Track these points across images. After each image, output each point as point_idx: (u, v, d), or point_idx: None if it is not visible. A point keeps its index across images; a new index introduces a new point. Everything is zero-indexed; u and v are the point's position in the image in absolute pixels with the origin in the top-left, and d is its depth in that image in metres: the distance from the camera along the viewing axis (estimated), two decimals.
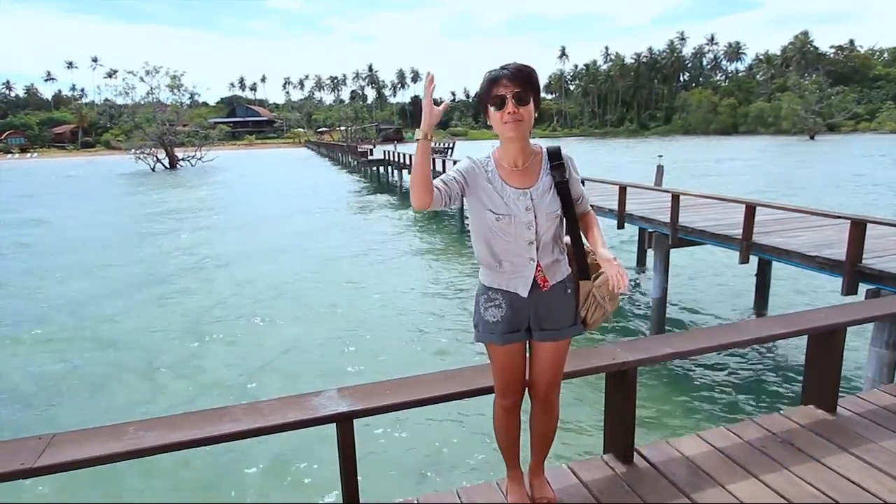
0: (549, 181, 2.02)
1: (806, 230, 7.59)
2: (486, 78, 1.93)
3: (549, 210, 2.00)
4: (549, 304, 2.05)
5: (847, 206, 16.23)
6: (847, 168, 32.36)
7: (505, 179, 1.99)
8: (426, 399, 2.21)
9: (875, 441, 2.68)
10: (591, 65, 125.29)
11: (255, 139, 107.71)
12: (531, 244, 1.99)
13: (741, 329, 2.78)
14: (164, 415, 2.14)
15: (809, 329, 2.81)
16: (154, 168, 53.01)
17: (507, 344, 2.08)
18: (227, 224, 20.65)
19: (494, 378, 2.20)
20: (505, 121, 1.89)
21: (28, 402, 6.92)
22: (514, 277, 2.02)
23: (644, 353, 2.53)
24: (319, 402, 2.17)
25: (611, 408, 2.62)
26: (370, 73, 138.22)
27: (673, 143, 70.11)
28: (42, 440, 1.94)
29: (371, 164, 33.12)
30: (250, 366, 7.71)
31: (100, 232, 19.58)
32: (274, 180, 37.85)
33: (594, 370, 2.44)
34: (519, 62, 1.92)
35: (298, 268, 13.33)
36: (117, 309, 10.42)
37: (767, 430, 2.80)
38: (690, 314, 9.57)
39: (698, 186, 19.31)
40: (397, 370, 6.81)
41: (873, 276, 5.70)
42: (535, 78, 1.92)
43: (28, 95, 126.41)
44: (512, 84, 1.87)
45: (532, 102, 1.91)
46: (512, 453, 2.31)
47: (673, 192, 8.27)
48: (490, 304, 2.07)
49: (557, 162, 2.04)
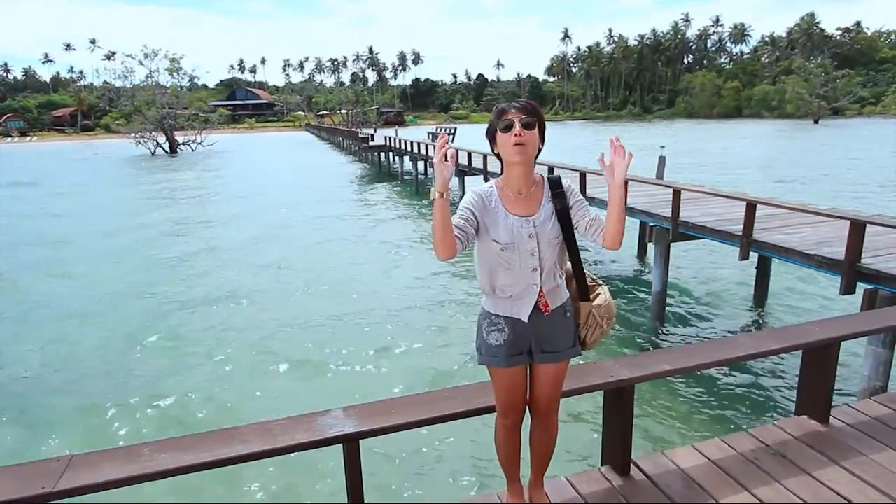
0: (550, 209, 2.09)
1: (806, 226, 7.62)
2: (496, 108, 2.06)
3: (551, 237, 2.07)
4: (550, 327, 2.13)
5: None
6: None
7: (508, 208, 2.07)
8: (429, 419, 2.28)
9: (865, 454, 2.75)
10: (594, 47, 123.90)
11: (255, 122, 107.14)
12: (535, 270, 2.06)
13: (737, 345, 2.84)
14: (177, 436, 2.22)
15: (804, 344, 2.87)
16: (154, 152, 52.81)
17: (509, 367, 2.16)
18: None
19: (496, 398, 2.28)
20: (512, 143, 1.99)
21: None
22: (516, 303, 2.10)
23: (641, 370, 2.59)
24: (326, 421, 2.24)
25: (609, 422, 2.69)
26: (371, 55, 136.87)
27: (676, 128, 69.62)
28: (60, 462, 2.01)
29: (372, 150, 32.94)
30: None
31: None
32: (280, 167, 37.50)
33: (593, 388, 2.50)
34: (520, 99, 2.09)
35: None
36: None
37: (761, 441, 2.88)
38: (691, 306, 9.64)
39: (703, 179, 19.25)
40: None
41: (871, 276, 5.75)
42: (540, 112, 2.04)
43: (26, 78, 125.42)
44: (519, 112, 2.00)
45: (537, 130, 2.01)
46: (512, 468, 2.40)
47: (674, 186, 8.29)
48: (493, 328, 2.15)
49: (558, 191, 2.10)
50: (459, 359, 7.47)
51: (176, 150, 54.46)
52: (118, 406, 6.56)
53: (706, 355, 2.73)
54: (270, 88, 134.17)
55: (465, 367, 7.18)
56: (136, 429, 6.14)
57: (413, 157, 24.99)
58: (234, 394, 6.88)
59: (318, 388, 6.96)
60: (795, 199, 10.13)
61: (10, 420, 6.41)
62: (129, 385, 7.11)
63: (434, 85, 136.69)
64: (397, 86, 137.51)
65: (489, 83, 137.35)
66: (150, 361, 7.86)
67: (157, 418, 6.37)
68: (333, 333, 8.63)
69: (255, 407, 6.45)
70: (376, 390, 6.41)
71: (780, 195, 13.04)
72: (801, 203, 7.96)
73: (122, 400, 6.70)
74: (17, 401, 6.86)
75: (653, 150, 16.41)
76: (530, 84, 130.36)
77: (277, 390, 6.96)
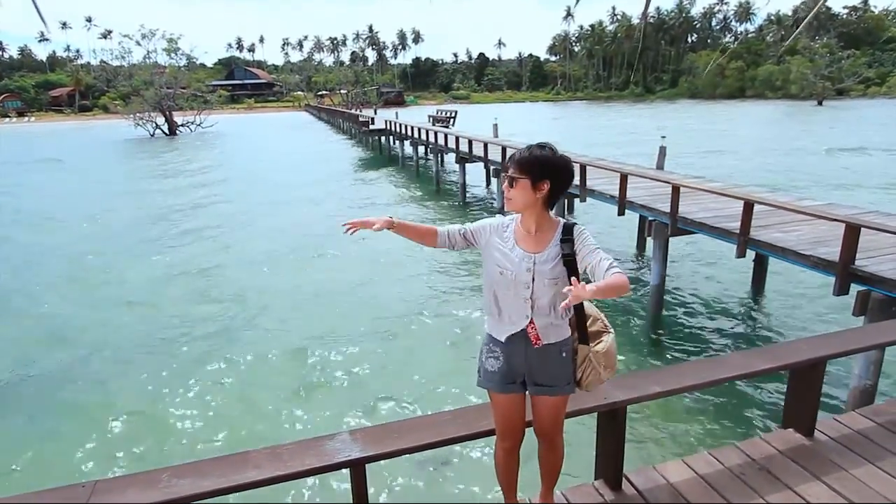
0: (556, 251, 2.17)
1: (803, 223, 7.69)
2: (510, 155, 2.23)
3: (549, 277, 2.16)
4: (542, 361, 2.25)
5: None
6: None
7: (518, 241, 2.21)
8: (432, 444, 2.41)
9: (846, 469, 2.89)
10: (596, 25, 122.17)
11: (254, 102, 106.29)
12: (526, 301, 2.18)
13: (726, 365, 2.96)
14: (195, 460, 2.35)
15: (792, 364, 2.99)
16: (153, 134, 52.56)
17: (505, 393, 2.29)
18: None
19: (495, 421, 2.41)
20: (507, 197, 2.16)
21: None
22: (510, 327, 2.23)
23: (634, 391, 2.72)
24: (334, 446, 2.37)
25: (602, 440, 2.82)
26: (370, 33, 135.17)
27: (678, 110, 69.01)
28: (86, 488, 2.14)
29: (372, 134, 32.77)
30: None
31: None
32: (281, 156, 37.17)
33: (588, 410, 2.63)
34: (536, 147, 2.12)
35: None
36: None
37: (748, 455, 3.02)
38: (689, 299, 9.77)
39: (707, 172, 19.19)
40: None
41: (865, 279, 5.85)
42: (535, 165, 2.08)
43: (22, 56, 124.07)
44: (511, 166, 2.12)
45: (529, 186, 2.09)
46: (510, 489, 2.54)
47: (673, 182, 8.35)
48: (490, 355, 2.31)
49: (567, 237, 2.18)
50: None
51: (175, 131, 54.17)
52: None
53: (696, 376, 2.86)
54: (269, 68, 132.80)
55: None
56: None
57: (414, 143, 24.86)
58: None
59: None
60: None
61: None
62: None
63: (435, 64, 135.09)
64: (397, 65, 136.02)
65: (490, 62, 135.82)
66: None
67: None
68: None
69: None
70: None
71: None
72: (798, 202, 8.03)
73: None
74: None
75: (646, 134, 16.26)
76: (532, 63, 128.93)
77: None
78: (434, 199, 19.28)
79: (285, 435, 5.82)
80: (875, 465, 2.93)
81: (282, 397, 6.77)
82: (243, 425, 6.24)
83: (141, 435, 6.10)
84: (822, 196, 12.56)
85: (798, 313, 9.17)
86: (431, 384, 6.95)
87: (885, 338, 3.36)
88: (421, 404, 6.51)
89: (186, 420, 6.36)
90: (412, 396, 6.69)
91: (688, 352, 7.85)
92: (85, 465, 5.60)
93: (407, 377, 7.15)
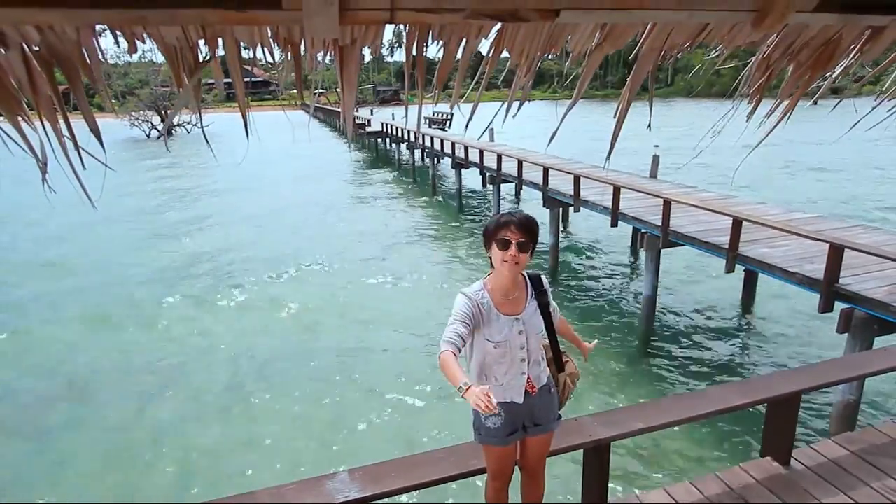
0: (534, 305, 2.34)
1: (791, 238, 7.84)
2: (496, 220, 2.23)
3: (536, 330, 2.34)
4: (539, 405, 2.42)
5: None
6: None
7: (499, 308, 2.28)
8: (426, 483, 2.56)
9: (819, 499, 3.05)
10: None
11: (250, 101, 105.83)
12: (523, 361, 2.32)
13: (705, 399, 3.11)
14: (203, 501, 2.49)
15: (769, 398, 3.15)
16: (149, 135, 52.43)
17: (506, 446, 2.42)
18: None
19: (487, 465, 2.56)
20: (505, 260, 2.19)
21: None
22: (508, 390, 2.35)
23: (617, 428, 2.87)
24: (334, 486, 2.51)
25: (587, 473, 2.98)
26: None
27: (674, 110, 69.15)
28: None
29: (369, 136, 32.82)
30: None
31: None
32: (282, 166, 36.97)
33: (574, 448, 2.78)
34: (525, 212, 2.23)
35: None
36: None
37: (727, 485, 3.17)
38: (680, 309, 9.94)
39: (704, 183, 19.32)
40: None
41: (848, 297, 6.02)
42: (536, 229, 2.23)
43: None
44: (518, 233, 2.18)
45: (531, 251, 2.22)
46: None
47: (665, 197, 8.51)
48: (489, 415, 2.30)
49: (541, 289, 2.35)
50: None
51: (171, 132, 53.93)
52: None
53: (677, 412, 3.01)
54: (265, 66, 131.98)
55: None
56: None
57: (410, 146, 24.90)
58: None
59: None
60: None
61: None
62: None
63: (431, 63, 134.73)
64: (394, 62, 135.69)
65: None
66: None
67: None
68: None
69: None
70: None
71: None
72: (785, 220, 8.20)
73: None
74: None
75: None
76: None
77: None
78: (431, 207, 19.24)
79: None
80: (847, 494, 3.09)
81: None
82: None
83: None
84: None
85: (787, 321, 9.35)
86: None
87: (859, 370, 3.52)
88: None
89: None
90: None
91: (679, 359, 8.03)
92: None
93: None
